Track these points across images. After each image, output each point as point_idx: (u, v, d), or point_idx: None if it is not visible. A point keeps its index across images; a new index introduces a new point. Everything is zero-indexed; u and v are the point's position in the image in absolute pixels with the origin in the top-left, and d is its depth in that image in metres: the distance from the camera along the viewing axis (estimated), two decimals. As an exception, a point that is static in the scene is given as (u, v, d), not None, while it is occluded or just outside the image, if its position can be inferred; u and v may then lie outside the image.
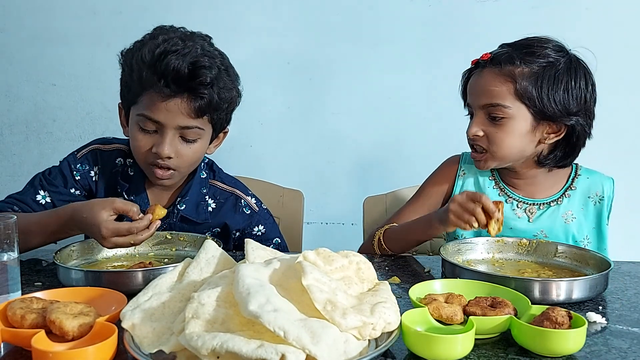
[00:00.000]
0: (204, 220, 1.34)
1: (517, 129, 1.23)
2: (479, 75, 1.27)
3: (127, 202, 1.04)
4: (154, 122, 1.18)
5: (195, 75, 1.14)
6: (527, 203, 1.32)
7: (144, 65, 1.15)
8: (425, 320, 0.79)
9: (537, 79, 1.20)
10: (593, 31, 2.02)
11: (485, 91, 1.24)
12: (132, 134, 1.23)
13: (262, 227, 1.39)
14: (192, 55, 1.15)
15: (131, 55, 1.20)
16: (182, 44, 1.16)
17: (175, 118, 1.17)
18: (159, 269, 0.99)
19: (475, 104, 1.28)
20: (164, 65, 1.12)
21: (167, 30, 1.21)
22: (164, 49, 1.14)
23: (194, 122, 1.19)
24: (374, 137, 2.18)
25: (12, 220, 0.88)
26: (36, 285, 1.02)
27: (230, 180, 1.42)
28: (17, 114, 2.29)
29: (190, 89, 1.15)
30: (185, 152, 1.22)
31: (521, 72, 1.21)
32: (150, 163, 1.22)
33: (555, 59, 1.22)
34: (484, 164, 1.29)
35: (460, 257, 1.17)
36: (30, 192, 1.27)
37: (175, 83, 1.14)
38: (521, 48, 1.24)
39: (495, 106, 1.22)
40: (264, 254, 0.86)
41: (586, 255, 1.11)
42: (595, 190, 1.32)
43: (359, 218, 1.67)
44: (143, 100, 1.18)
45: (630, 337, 0.81)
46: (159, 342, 0.69)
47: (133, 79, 1.18)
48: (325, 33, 2.13)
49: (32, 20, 2.23)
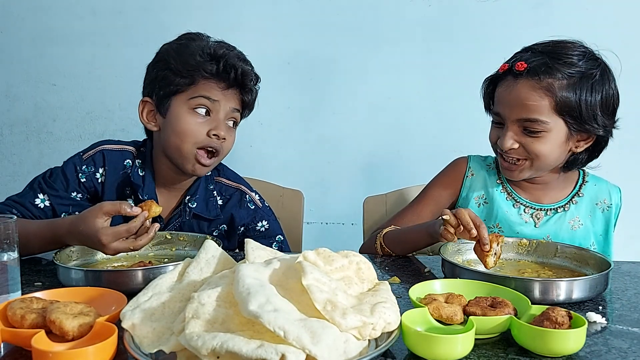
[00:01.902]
0: (216, 216, 1.36)
1: (554, 141, 1.21)
2: (513, 87, 1.21)
3: (114, 203, 1.03)
4: (212, 101, 1.26)
5: (248, 75, 1.29)
6: (534, 208, 1.31)
7: (207, 56, 1.25)
8: (425, 320, 0.78)
9: (575, 91, 1.18)
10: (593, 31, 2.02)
11: (522, 105, 1.20)
12: (180, 120, 1.26)
13: (265, 222, 1.41)
14: (243, 56, 1.31)
15: (180, 49, 1.27)
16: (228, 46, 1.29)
17: (229, 102, 1.29)
18: (159, 269, 0.99)
19: (509, 116, 1.23)
20: (230, 60, 1.25)
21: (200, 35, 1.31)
22: (224, 48, 1.27)
23: (238, 109, 1.32)
24: (374, 137, 2.18)
25: (12, 221, 0.88)
26: (36, 285, 1.02)
27: (235, 177, 1.45)
28: (17, 114, 2.29)
29: (244, 84, 1.29)
30: (230, 136, 1.30)
31: (560, 85, 1.18)
32: (201, 147, 1.26)
33: (590, 68, 1.20)
34: (519, 174, 1.27)
35: (460, 257, 1.17)
36: (30, 195, 1.27)
37: (239, 76, 1.27)
38: (555, 56, 1.20)
39: (533, 121, 1.19)
40: (264, 254, 0.86)
41: (586, 255, 1.11)
42: (603, 198, 1.32)
43: (359, 218, 1.67)
44: (197, 87, 1.26)
45: (630, 337, 0.81)
46: (159, 342, 0.69)
47: (187, 68, 1.25)
48: (326, 33, 2.13)
49: (32, 20, 2.23)
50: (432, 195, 1.39)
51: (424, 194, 1.41)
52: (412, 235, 1.25)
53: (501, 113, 1.25)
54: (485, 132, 1.33)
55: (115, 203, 1.03)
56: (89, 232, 1.02)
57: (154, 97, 1.29)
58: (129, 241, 1.03)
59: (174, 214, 1.34)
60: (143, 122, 1.32)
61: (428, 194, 1.40)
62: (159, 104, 1.28)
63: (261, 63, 2.12)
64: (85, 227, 1.03)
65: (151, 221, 1.06)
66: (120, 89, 2.17)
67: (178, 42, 1.30)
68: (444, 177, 1.42)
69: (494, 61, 1.35)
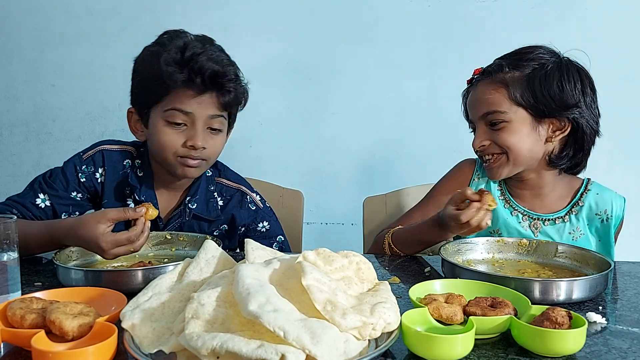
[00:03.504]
0: (216, 217, 1.36)
1: (518, 130, 1.24)
2: (474, 90, 1.31)
3: (119, 210, 1.04)
4: (186, 114, 1.22)
5: (224, 73, 1.22)
6: (532, 217, 1.31)
7: (174, 64, 1.19)
8: (425, 320, 0.78)
9: (529, 80, 1.23)
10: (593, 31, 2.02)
11: (481, 101, 1.27)
12: (158, 132, 1.24)
13: (266, 223, 1.41)
14: (217, 54, 1.23)
15: (151, 58, 1.22)
16: (202, 46, 1.22)
17: (206, 109, 1.23)
18: (159, 269, 0.99)
19: (474, 117, 1.30)
20: (198, 64, 1.19)
21: (178, 33, 1.25)
22: (192, 50, 1.20)
23: (220, 113, 1.26)
24: (374, 137, 2.18)
25: (12, 221, 0.89)
26: (36, 285, 1.02)
27: (236, 177, 1.44)
28: (17, 114, 2.29)
29: (219, 85, 1.22)
30: (213, 142, 1.27)
31: (512, 77, 1.24)
32: (181, 157, 1.24)
33: (546, 60, 1.24)
34: (498, 171, 1.29)
35: (460, 257, 1.17)
36: (30, 195, 1.27)
37: (208, 80, 1.20)
38: (511, 56, 1.28)
39: (492, 113, 1.25)
40: (264, 254, 0.86)
41: (586, 255, 1.11)
42: (603, 208, 1.30)
43: (359, 218, 1.67)
44: (171, 97, 1.22)
45: (630, 337, 0.81)
46: (158, 342, 0.69)
47: (157, 78, 1.20)
48: (325, 33, 2.14)
49: (32, 20, 2.23)
50: (438, 196, 1.39)
51: (431, 195, 1.41)
52: (419, 230, 1.25)
53: (470, 117, 1.33)
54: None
55: (120, 210, 1.04)
56: (88, 238, 1.03)
57: (137, 107, 1.29)
58: (128, 245, 1.03)
59: (173, 214, 1.34)
60: (132, 132, 1.32)
61: (435, 195, 1.40)
62: (141, 114, 1.28)
63: (261, 63, 2.14)
64: (84, 231, 1.03)
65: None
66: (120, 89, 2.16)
67: (151, 48, 1.25)
68: (450, 179, 1.42)
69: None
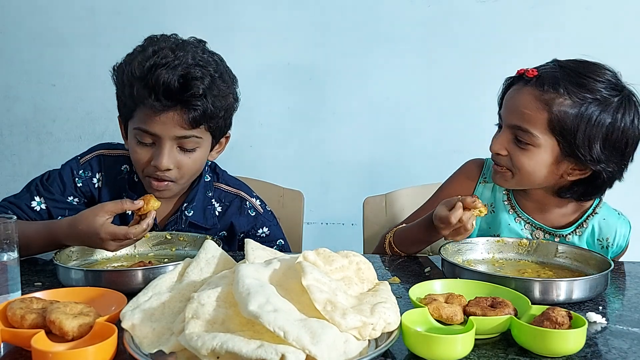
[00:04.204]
0: (212, 226, 1.33)
1: (540, 159, 1.16)
2: (518, 91, 1.18)
3: (117, 202, 1.03)
4: (150, 134, 1.16)
5: (187, 88, 1.12)
6: (534, 226, 1.28)
7: (134, 80, 1.13)
8: (425, 320, 0.78)
9: (577, 116, 1.10)
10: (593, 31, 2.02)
11: (518, 112, 1.16)
12: (131, 148, 1.22)
13: (266, 229, 1.39)
14: (182, 66, 1.12)
15: (122, 71, 1.19)
16: (172, 56, 1.13)
17: (171, 129, 1.15)
18: (159, 269, 0.99)
19: (505, 120, 1.21)
20: (154, 79, 1.10)
21: (157, 41, 1.18)
22: (153, 62, 1.12)
23: (190, 132, 1.17)
24: (374, 138, 2.18)
25: (12, 221, 0.89)
26: (36, 285, 1.02)
27: (234, 182, 1.41)
28: (17, 114, 2.29)
29: (182, 101, 1.13)
30: (185, 162, 1.20)
31: (562, 102, 1.10)
32: (149, 175, 1.21)
33: (606, 96, 1.10)
34: (502, 181, 1.24)
35: (460, 257, 1.17)
36: (26, 197, 1.26)
37: (167, 97, 1.12)
38: (571, 74, 1.13)
39: (524, 131, 1.15)
40: (264, 254, 0.86)
41: (586, 255, 1.11)
42: (606, 235, 1.25)
43: (359, 218, 1.67)
44: (137, 115, 1.17)
45: (630, 337, 0.81)
46: (158, 342, 0.69)
47: (125, 94, 1.17)
48: (325, 33, 2.13)
49: (32, 20, 2.23)
50: (444, 197, 1.35)
51: (437, 195, 1.39)
52: (416, 229, 1.25)
53: (502, 115, 1.24)
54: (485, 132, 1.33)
55: (117, 202, 1.03)
56: (89, 231, 1.02)
57: (122, 117, 1.27)
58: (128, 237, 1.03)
59: (170, 221, 1.31)
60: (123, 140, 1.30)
61: (440, 195, 1.38)
62: (124, 126, 1.26)
63: (261, 63, 2.14)
64: (85, 225, 1.03)
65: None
66: (120, 89, 2.17)
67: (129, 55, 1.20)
68: (457, 179, 1.39)
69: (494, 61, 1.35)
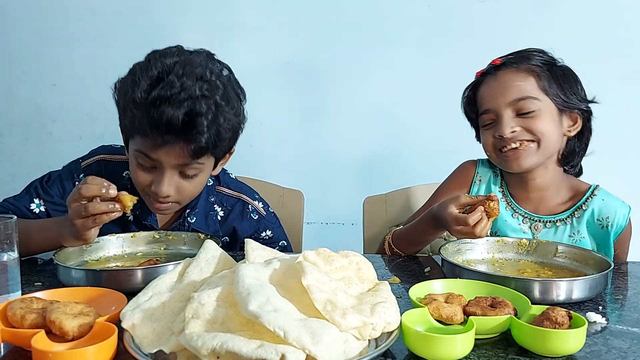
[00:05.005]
0: (215, 232, 1.32)
1: (549, 119, 1.24)
2: (497, 77, 1.28)
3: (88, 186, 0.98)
4: (151, 159, 1.13)
5: (191, 125, 1.08)
6: (532, 219, 1.31)
7: (136, 109, 1.08)
8: (425, 320, 0.78)
9: (551, 74, 1.25)
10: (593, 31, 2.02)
11: (510, 88, 1.24)
12: (131, 167, 1.19)
13: (269, 231, 1.38)
14: (188, 102, 1.07)
15: (124, 93, 1.13)
16: (178, 85, 1.07)
17: (173, 159, 1.13)
18: (159, 269, 0.99)
19: (500, 104, 1.25)
20: (158, 114, 1.05)
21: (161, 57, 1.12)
22: (157, 94, 1.06)
23: (193, 161, 1.14)
24: (374, 137, 2.18)
25: (12, 221, 0.89)
26: (36, 285, 1.02)
27: (236, 185, 1.40)
28: (17, 114, 2.29)
29: (186, 138, 1.09)
30: (186, 187, 1.18)
31: (537, 67, 1.25)
32: (149, 195, 1.19)
33: (557, 60, 1.29)
34: (525, 159, 1.25)
35: (460, 257, 1.17)
36: (26, 199, 1.26)
37: (170, 133, 1.08)
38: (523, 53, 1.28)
39: (524, 99, 1.23)
40: (264, 254, 0.86)
41: (586, 255, 1.11)
42: (606, 215, 1.28)
43: (359, 218, 1.67)
44: (139, 138, 1.13)
45: (630, 337, 0.81)
46: (159, 342, 0.69)
47: (127, 119, 1.12)
48: (325, 33, 2.13)
49: (32, 21, 2.23)
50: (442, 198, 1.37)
51: (434, 198, 1.41)
52: (414, 229, 1.26)
53: (491, 107, 1.27)
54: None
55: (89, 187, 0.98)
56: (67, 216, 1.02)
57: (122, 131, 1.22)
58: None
59: (172, 227, 1.31)
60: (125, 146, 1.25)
61: (438, 197, 1.39)
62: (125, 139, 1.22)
63: (261, 63, 2.14)
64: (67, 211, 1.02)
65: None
66: (120, 89, 2.17)
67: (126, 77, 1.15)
68: (453, 180, 1.42)
69: (494, 61, 1.37)
